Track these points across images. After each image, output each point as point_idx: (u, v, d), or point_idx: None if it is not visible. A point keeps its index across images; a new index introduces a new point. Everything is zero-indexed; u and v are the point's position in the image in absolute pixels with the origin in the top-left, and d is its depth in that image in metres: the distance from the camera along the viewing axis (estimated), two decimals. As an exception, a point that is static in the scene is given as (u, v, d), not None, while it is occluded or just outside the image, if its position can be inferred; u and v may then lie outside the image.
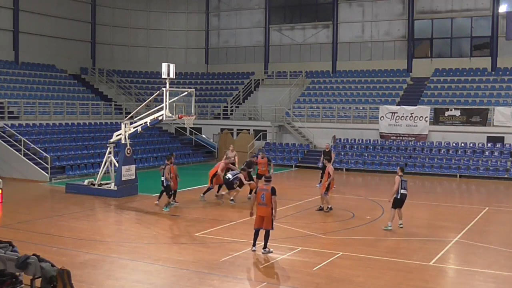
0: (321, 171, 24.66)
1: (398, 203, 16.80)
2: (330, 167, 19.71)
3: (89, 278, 11.87)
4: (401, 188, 16.64)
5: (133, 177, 22.75)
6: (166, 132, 38.53)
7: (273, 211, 13.78)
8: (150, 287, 11.68)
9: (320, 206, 19.69)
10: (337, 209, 20.15)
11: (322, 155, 25.18)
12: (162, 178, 19.63)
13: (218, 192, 21.72)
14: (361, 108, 36.59)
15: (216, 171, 21.25)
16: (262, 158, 22.86)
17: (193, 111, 22.26)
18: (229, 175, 20.90)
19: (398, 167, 17.48)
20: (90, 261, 13.21)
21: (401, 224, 16.92)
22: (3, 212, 19.22)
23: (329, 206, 19.53)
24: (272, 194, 13.73)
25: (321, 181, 24.22)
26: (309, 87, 40.98)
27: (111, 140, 22.93)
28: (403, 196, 16.78)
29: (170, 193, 19.54)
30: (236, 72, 45.07)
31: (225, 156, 22.86)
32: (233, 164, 22.44)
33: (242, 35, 45.36)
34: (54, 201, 22.51)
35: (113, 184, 22.45)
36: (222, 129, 38.51)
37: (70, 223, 17.41)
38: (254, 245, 14.08)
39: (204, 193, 21.37)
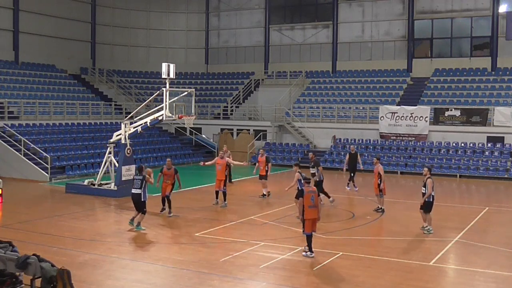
0: (350, 173, 24.45)
1: (430, 206, 16.21)
2: (380, 168, 19.62)
3: (89, 278, 11.87)
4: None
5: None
6: (166, 132, 38.53)
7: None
8: (150, 287, 11.68)
9: (378, 207, 19.81)
10: (337, 209, 20.17)
11: (348, 157, 24.79)
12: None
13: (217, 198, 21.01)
14: (361, 108, 36.59)
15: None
16: (262, 156, 22.83)
17: (193, 111, 22.25)
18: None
19: (426, 168, 16.62)
20: (90, 261, 13.21)
21: (426, 227, 16.45)
22: (3, 212, 19.21)
23: (381, 207, 19.63)
24: (318, 195, 13.81)
25: (348, 183, 24.16)
26: (309, 87, 40.97)
27: (111, 140, 22.93)
28: (433, 199, 16.26)
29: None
30: (236, 72, 45.06)
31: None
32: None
33: (242, 35, 45.36)
34: (54, 201, 22.51)
35: (113, 184, 22.44)
36: (222, 129, 38.51)
37: (70, 223, 17.41)
38: (312, 250, 13.65)
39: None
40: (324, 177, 21.14)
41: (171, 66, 21.28)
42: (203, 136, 38.44)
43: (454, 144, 32.32)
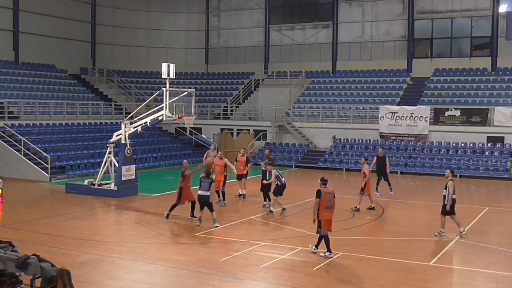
0: (377, 177, 23.93)
1: (452, 209, 15.88)
2: (366, 167, 19.80)
3: (89, 278, 11.87)
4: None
5: (133, 177, 22.75)
6: (166, 132, 38.52)
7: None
8: (150, 287, 11.68)
9: (371, 206, 20.01)
10: (337, 209, 20.11)
11: (375, 160, 24.03)
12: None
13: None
14: (361, 108, 36.59)
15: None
16: (242, 156, 22.26)
17: (193, 111, 22.25)
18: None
19: (448, 170, 16.21)
20: (90, 261, 13.21)
21: (442, 232, 16.16)
22: (3, 212, 19.21)
23: (358, 207, 19.77)
24: (334, 197, 13.78)
25: (377, 188, 23.82)
26: (309, 87, 40.98)
27: (111, 140, 22.93)
28: (455, 202, 15.91)
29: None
30: (236, 72, 45.06)
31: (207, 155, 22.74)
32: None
33: (242, 35, 45.36)
34: (54, 201, 22.50)
35: (113, 184, 22.45)
36: (222, 129, 38.49)
37: (70, 223, 17.41)
38: (330, 250, 13.65)
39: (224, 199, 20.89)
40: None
41: (171, 66, 21.28)
42: (203, 136, 38.43)
43: (454, 144, 32.33)
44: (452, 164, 30.95)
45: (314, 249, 13.86)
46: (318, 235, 13.76)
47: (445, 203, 15.78)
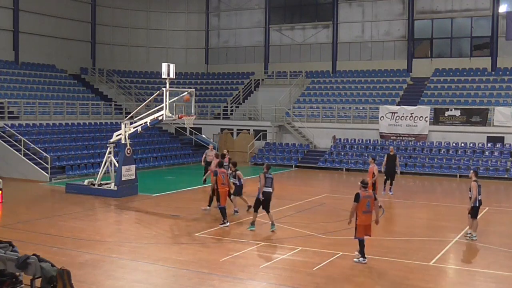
0: (386, 177, 23.60)
1: (477, 211, 15.59)
2: (375, 167, 19.66)
3: (89, 278, 11.87)
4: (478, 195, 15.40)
5: (133, 177, 22.75)
6: (166, 132, 38.52)
7: (376, 216, 13.47)
8: (150, 287, 11.68)
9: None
10: (337, 209, 20.16)
11: (386, 159, 23.72)
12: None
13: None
14: (361, 108, 36.59)
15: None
16: (217, 157, 20.92)
17: (193, 111, 22.24)
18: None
19: (472, 171, 15.97)
20: (90, 261, 13.21)
21: (471, 234, 15.81)
22: (3, 212, 19.22)
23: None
24: (375, 199, 13.41)
25: (384, 188, 23.73)
26: (309, 87, 40.98)
27: (111, 140, 22.94)
28: (480, 204, 15.61)
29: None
30: (236, 72, 45.07)
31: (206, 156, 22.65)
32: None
33: (242, 35, 45.36)
34: (54, 201, 22.51)
35: (113, 184, 22.45)
36: (222, 129, 38.52)
37: (70, 223, 17.41)
38: (364, 256, 13.28)
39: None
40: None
41: (171, 66, 21.27)
42: (203, 136, 38.44)
43: (454, 144, 32.33)
44: (452, 164, 30.98)
45: (361, 259, 13.25)
46: (357, 239, 13.32)
47: (472, 204, 15.48)
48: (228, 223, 17.14)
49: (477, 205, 15.46)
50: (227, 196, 17.87)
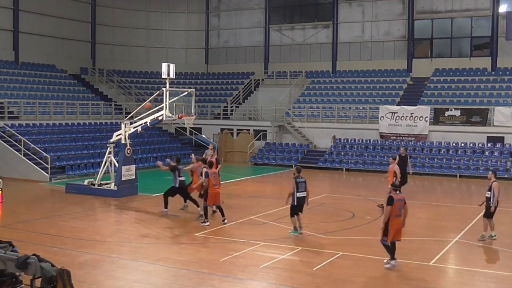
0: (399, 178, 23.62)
1: (492, 212, 15.61)
2: (396, 167, 19.62)
3: (89, 278, 11.87)
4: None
5: (133, 177, 22.75)
6: (166, 132, 38.53)
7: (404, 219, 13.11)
8: (150, 287, 11.68)
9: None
10: (337, 209, 20.16)
11: (398, 161, 22.92)
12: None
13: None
14: (361, 108, 36.59)
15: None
16: (211, 157, 20.68)
17: (193, 111, 22.25)
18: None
19: (491, 172, 16.07)
20: (90, 261, 13.21)
21: (491, 235, 15.82)
22: (3, 212, 19.22)
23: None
24: (405, 203, 13.05)
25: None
26: (309, 87, 40.98)
27: (111, 140, 22.93)
28: (497, 205, 15.55)
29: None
30: (236, 72, 45.06)
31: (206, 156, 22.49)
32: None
33: (242, 35, 45.36)
34: (54, 201, 22.51)
35: (113, 184, 22.44)
36: (222, 129, 38.51)
37: (70, 223, 17.41)
38: (394, 258, 12.96)
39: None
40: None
41: (171, 66, 21.28)
42: (203, 136, 38.44)
43: (454, 144, 32.33)
44: (452, 164, 30.98)
45: (392, 262, 12.88)
46: (383, 244, 12.98)
47: (490, 205, 15.48)
48: (208, 223, 17.08)
49: (497, 205, 15.54)
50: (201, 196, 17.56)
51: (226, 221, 17.34)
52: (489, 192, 15.62)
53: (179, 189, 19.07)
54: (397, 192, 13.16)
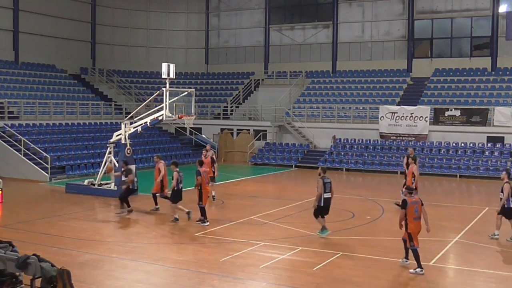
0: (404, 176, 23.11)
1: (510, 212, 15.58)
2: (415, 167, 19.55)
3: (89, 278, 11.87)
4: (510, 196, 15.38)
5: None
6: (166, 132, 38.53)
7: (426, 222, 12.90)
8: (150, 287, 11.68)
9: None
10: (337, 209, 20.14)
11: (406, 159, 22.92)
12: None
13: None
14: (361, 108, 36.59)
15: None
16: (206, 157, 20.92)
17: (193, 111, 22.25)
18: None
19: (504, 173, 16.08)
20: (90, 261, 13.21)
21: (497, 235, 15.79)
22: (3, 212, 19.22)
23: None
24: (422, 205, 12.91)
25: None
26: (309, 87, 40.97)
27: (111, 140, 22.93)
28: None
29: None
30: (236, 72, 45.06)
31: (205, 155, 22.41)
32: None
33: (242, 35, 45.36)
34: (54, 201, 22.51)
35: (113, 184, 22.44)
36: (222, 129, 38.51)
37: (70, 223, 17.41)
38: (421, 266, 12.54)
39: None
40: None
41: (171, 66, 21.28)
42: (203, 136, 38.44)
43: (454, 144, 32.33)
44: (452, 164, 30.98)
45: (418, 270, 12.53)
46: (411, 249, 12.74)
47: (506, 205, 15.53)
48: (208, 223, 17.07)
49: (511, 205, 15.53)
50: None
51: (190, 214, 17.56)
52: (502, 193, 15.72)
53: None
54: (412, 195, 13.04)
